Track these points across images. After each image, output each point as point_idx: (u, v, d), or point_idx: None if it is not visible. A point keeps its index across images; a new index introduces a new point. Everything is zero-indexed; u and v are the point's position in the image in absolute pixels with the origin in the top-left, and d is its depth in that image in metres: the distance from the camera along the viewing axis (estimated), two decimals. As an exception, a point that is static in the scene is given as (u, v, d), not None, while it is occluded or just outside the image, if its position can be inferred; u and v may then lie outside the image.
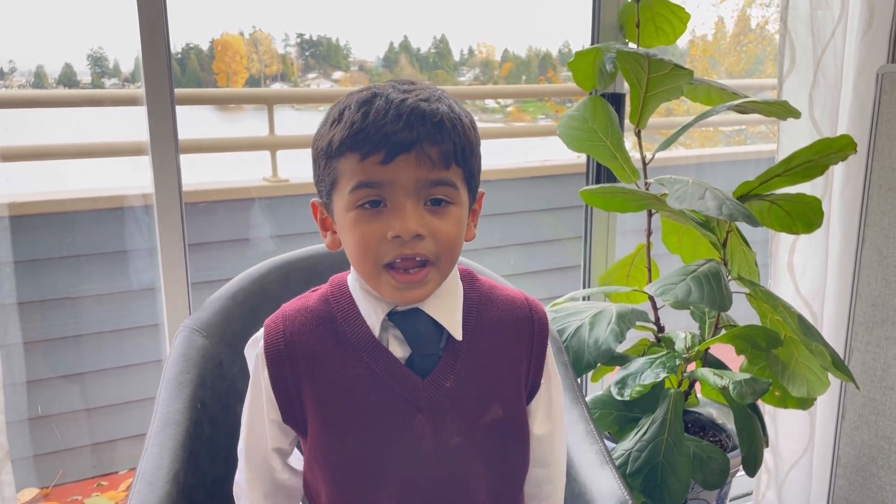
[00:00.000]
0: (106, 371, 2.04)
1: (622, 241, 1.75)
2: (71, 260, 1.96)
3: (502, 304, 0.80)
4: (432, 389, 0.74)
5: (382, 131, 0.67)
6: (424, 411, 0.74)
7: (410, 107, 0.68)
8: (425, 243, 0.69)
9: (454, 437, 0.74)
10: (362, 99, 0.69)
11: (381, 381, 0.73)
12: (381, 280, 0.71)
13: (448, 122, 0.69)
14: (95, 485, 2.04)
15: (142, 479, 0.90)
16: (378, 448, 0.74)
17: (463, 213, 0.73)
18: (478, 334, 0.77)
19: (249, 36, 2.46)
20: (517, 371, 0.78)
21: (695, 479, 1.25)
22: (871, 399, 1.58)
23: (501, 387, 0.77)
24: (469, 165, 0.72)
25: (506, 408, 0.77)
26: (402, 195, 0.68)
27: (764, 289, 1.25)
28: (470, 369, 0.75)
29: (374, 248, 0.69)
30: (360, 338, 0.74)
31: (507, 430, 0.78)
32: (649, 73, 1.28)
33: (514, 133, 3.10)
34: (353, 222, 0.70)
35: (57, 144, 1.98)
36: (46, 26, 1.83)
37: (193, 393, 1.02)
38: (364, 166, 0.68)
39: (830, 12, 1.52)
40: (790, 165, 1.24)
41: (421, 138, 0.67)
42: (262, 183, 2.35)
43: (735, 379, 1.16)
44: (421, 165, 0.68)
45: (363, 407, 0.73)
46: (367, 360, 0.74)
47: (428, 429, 0.74)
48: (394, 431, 0.73)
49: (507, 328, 0.79)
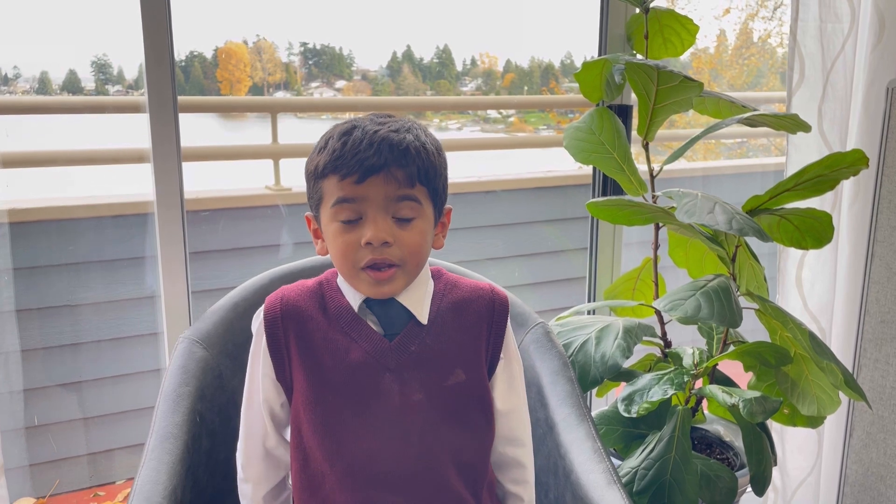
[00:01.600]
0: (104, 380, 2.02)
1: (627, 253, 1.74)
2: (70, 267, 1.94)
3: (465, 290, 0.94)
4: (399, 351, 0.87)
5: (357, 157, 0.82)
6: (392, 370, 0.87)
7: (381, 136, 0.83)
8: (392, 250, 0.84)
9: (417, 394, 0.87)
10: (343, 130, 0.85)
11: (356, 346, 0.87)
12: (360, 278, 0.86)
13: (412, 149, 0.83)
14: (92, 495, 2.02)
15: (138, 495, 0.88)
16: (352, 402, 0.86)
17: (427, 225, 0.87)
18: (441, 315, 0.90)
19: (253, 44, 2.46)
20: (477, 343, 0.91)
21: (702, 498, 1.22)
22: (880, 417, 1.56)
23: (463, 354, 0.90)
24: (433, 184, 0.86)
25: (468, 373, 0.89)
26: (373, 209, 0.83)
27: (774, 304, 1.23)
28: (434, 338, 0.89)
29: (352, 253, 0.84)
30: (342, 311, 0.89)
31: (469, 393, 0.90)
32: (658, 84, 1.26)
33: (516, 144, 3.09)
34: (335, 233, 0.85)
35: (57, 151, 1.97)
36: (51, 33, 1.82)
37: (192, 406, 1.01)
38: (343, 185, 0.83)
39: (840, 25, 1.51)
40: (801, 179, 1.22)
41: (388, 163, 0.82)
42: (264, 191, 2.34)
43: (745, 397, 1.14)
44: (388, 184, 0.82)
45: (341, 367, 0.86)
46: (346, 329, 0.88)
47: (395, 386, 0.86)
48: (365, 390, 0.86)
49: (468, 307, 0.92)
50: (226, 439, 1.06)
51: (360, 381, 0.86)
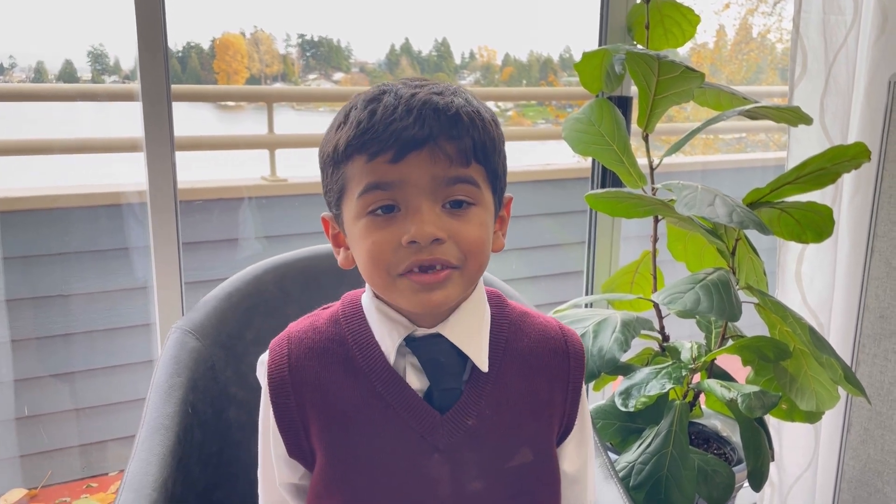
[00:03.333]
0: (96, 370, 2.01)
1: (625, 247, 1.72)
2: (63, 257, 1.93)
3: (535, 334, 0.71)
4: (452, 427, 0.66)
5: (391, 129, 0.60)
6: (442, 451, 0.66)
7: (422, 100, 0.61)
8: (446, 248, 0.62)
9: (475, 482, 0.67)
10: (370, 96, 0.63)
11: (395, 415, 0.66)
12: (398, 286, 0.63)
13: (465, 116, 0.62)
14: (85, 486, 2.01)
15: (128, 488, 0.87)
16: (388, 491, 0.66)
17: (488, 215, 0.65)
18: (506, 367, 0.69)
19: (251, 35, 2.44)
20: (549, 411, 0.71)
21: (699, 493, 1.21)
22: (878, 413, 1.55)
23: (531, 427, 0.69)
24: (492, 163, 0.65)
25: (536, 451, 0.70)
26: (416, 196, 0.61)
27: (773, 299, 1.21)
28: (496, 406, 0.67)
29: (387, 256, 0.62)
30: (372, 365, 0.67)
31: (536, 476, 0.70)
32: (659, 75, 1.25)
33: (515, 136, 3.07)
34: (364, 231, 0.63)
35: (50, 139, 1.95)
36: (47, 22, 1.81)
37: (184, 397, 0.99)
38: (373, 167, 0.61)
39: (843, 18, 1.50)
40: (802, 173, 1.21)
41: (435, 134, 0.60)
42: (259, 182, 2.32)
43: (743, 391, 1.12)
44: (436, 162, 0.61)
45: (374, 444, 0.66)
46: (381, 391, 0.66)
47: (445, 471, 0.66)
48: (407, 473, 0.66)
49: (539, 362, 0.70)
50: (218, 431, 1.05)
51: (400, 464, 0.66)
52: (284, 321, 1.13)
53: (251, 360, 1.09)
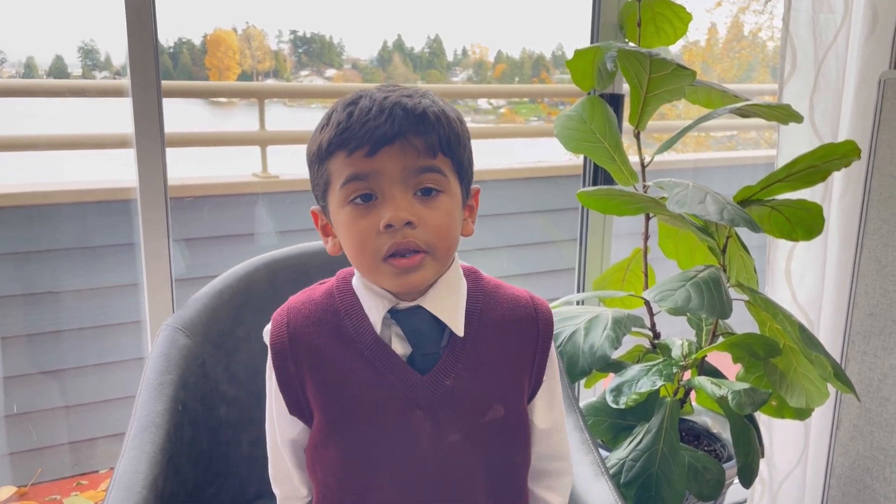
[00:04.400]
0: (86, 368, 1.99)
1: (616, 245, 1.73)
2: (52, 253, 1.91)
3: (507, 303, 0.80)
4: (432, 387, 0.75)
5: (366, 127, 0.70)
6: (424, 408, 0.75)
7: (392, 102, 0.71)
8: (417, 232, 0.71)
9: (452, 435, 0.75)
10: (348, 101, 0.73)
11: (382, 377, 0.75)
12: (381, 270, 0.72)
13: (432, 115, 0.71)
14: (75, 484, 2.00)
15: (118, 485, 0.86)
16: (377, 443, 0.75)
17: (454, 203, 0.74)
18: (480, 333, 0.77)
19: (242, 32, 2.43)
20: (520, 371, 0.79)
21: (689, 490, 1.22)
22: (867, 410, 1.56)
23: (503, 386, 0.78)
24: (457, 156, 0.74)
25: (507, 407, 0.78)
26: (390, 184, 0.70)
27: (763, 296, 1.22)
28: (471, 368, 0.76)
29: (371, 241, 0.71)
30: (361, 333, 0.76)
31: (508, 429, 0.78)
32: (651, 73, 1.25)
33: (506, 133, 3.07)
34: (348, 219, 0.72)
35: (37, 135, 1.94)
36: (37, 18, 1.79)
37: (175, 394, 0.99)
38: (352, 161, 0.71)
39: (833, 16, 1.50)
40: (793, 170, 1.22)
41: (404, 131, 0.70)
42: (251, 178, 2.31)
43: (734, 389, 1.13)
44: (406, 155, 0.70)
45: (363, 402, 0.75)
46: (368, 356, 0.75)
47: (427, 426, 0.75)
48: (393, 427, 0.75)
49: (511, 327, 0.79)
50: (209, 429, 1.04)
51: (386, 420, 0.75)
52: (275, 318, 1.13)
53: (242, 358, 1.09)
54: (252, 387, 1.07)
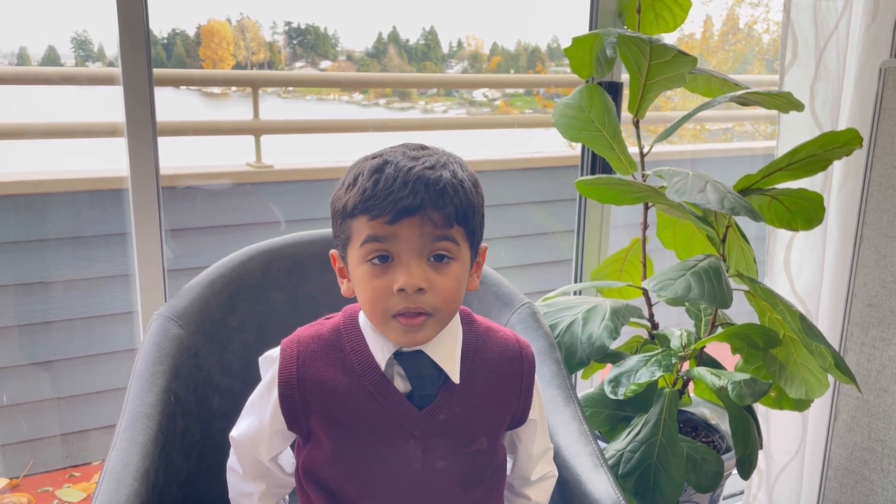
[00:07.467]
0: (78, 359, 1.98)
1: (614, 235, 1.71)
2: (43, 243, 1.89)
3: (497, 347, 0.88)
4: (427, 420, 0.83)
5: (390, 198, 0.75)
6: (417, 438, 0.83)
7: (416, 175, 0.76)
8: (426, 297, 0.77)
9: (441, 462, 0.84)
10: (374, 167, 0.78)
11: (382, 409, 0.82)
12: (390, 326, 0.79)
13: (450, 189, 0.77)
14: (67, 475, 1.98)
15: (109, 477, 0.85)
16: (373, 464, 0.83)
17: (463, 268, 0.81)
18: (473, 374, 0.85)
19: (237, 23, 2.40)
20: (505, 408, 0.88)
21: (688, 481, 1.21)
22: (865, 401, 1.55)
23: (489, 422, 0.87)
24: (470, 225, 0.81)
25: (490, 440, 0.87)
26: (406, 249, 0.77)
27: (763, 286, 1.21)
28: (463, 406, 0.84)
29: (384, 300, 0.78)
30: (366, 369, 0.83)
31: (487, 458, 0.88)
32: (651, 59, 1.23)
33: (503, 124, 3.05)
34: (365, 276, 0.79)
35: (29, 123, 1.91)
36: (30, 8, 1.76)
37: (167, 385, 0.97)
38: (373, 224, 0.77)
39: (834, 4, 1.49)
40: (794, 159, 1.20)
41: (425, 205, 0.76)
42: (245, 168, 2.29)
43: (734, 379, 1.12)
44: (424, 225, 0.76)
45: (364, 429, 0.82)
46: (371, 390, 0.82)
47: (419, 452, 0.83)
48: (388, 453, 0.83)
49: (500, 369, 0.87)
50: (201, 420, 1.03)
51: (383, 446, 0.83)
52: (269, 308, 1.11)
53: (235, 348, 1.08)
54: (245, 377, 1.05)
